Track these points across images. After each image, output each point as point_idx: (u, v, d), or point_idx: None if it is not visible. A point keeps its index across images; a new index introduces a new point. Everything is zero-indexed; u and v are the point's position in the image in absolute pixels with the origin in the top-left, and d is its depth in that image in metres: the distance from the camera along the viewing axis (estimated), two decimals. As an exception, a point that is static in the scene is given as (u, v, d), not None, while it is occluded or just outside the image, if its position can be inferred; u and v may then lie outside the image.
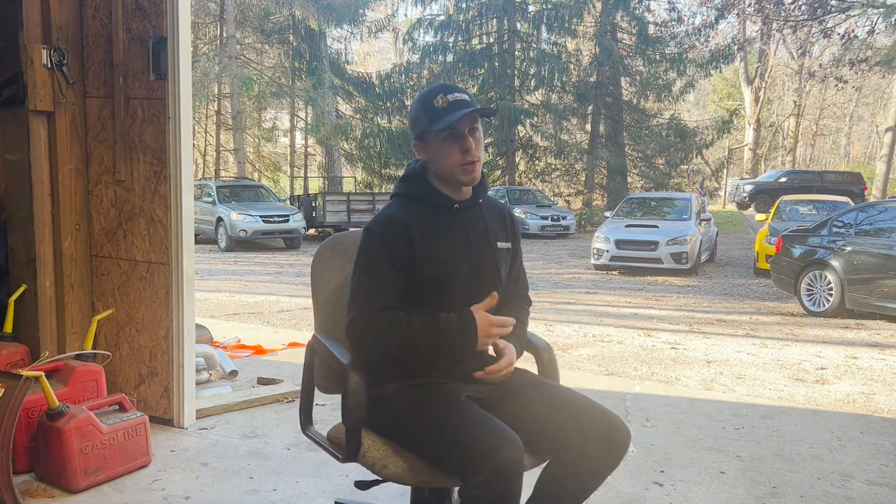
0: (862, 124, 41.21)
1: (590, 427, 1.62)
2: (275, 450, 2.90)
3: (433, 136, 1.73)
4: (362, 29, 25.82)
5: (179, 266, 2.99)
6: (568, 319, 6.87)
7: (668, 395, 3.98)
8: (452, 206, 1.78)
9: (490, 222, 1.84)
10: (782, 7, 19.76)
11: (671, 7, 25.22)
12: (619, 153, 24.00)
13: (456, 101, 1.72)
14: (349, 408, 1.61)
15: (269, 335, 5.46)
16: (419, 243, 1.71)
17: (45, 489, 2.44)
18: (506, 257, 1.86)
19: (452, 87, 1.77)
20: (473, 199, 1.82)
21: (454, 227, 1.77)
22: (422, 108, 1.75)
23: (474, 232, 1.79)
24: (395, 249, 1.69)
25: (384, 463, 1.61)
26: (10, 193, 3.04)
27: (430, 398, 1.64)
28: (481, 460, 1.44)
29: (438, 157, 1.74)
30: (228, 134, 25.66)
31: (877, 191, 22.55)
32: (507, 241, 1.86)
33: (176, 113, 2.93)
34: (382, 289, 1.68)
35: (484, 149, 1.82)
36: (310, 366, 1.86)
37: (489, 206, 1.88)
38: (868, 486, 2.68)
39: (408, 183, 1.83)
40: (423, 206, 1.77)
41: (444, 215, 1.78)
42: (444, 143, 1.72)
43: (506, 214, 1.92)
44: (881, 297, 6.85)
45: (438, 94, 1.73)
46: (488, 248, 1.80)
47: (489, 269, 1.79)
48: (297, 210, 16.16)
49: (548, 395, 1.72)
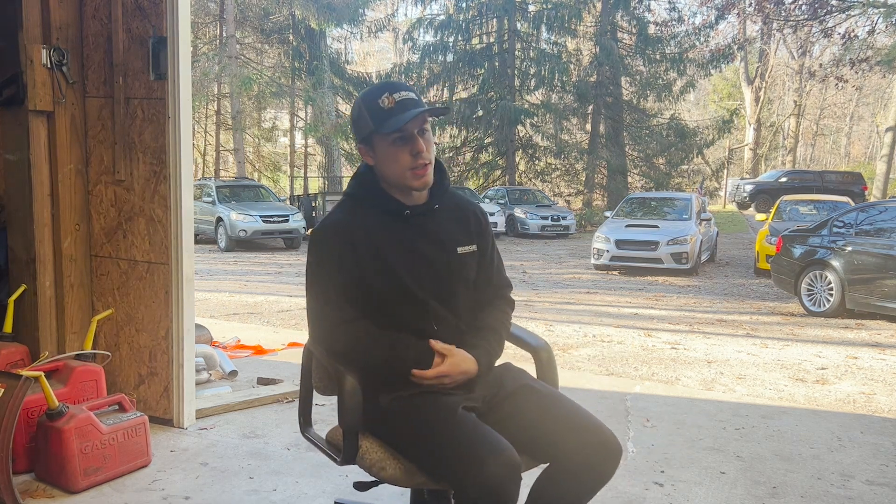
0: (862, 124, 41.20)
1: (581, 439, 1.57)
2: (275, 450, 2.90)
3: (380, 139, 1.63)
4: (362, 29, 25.83)
5: (179, 266, 2.98)
6: (568, 319, 6.87)
7: (669, 395, 3.97)
8: (403, 213, 1.69)
9: (449, 226, 1.73)
10: (782, 7, 19.76)
11: (671, 7, 25.24)
12: (619, 153, 24.00)
13: (403, 101, 1.61)
14: (345, 412, 1.60)
15: (269, 335, 5.46)
16: (366, 253, 1.64)
17: (44, 489, 2.44)
18: (470, 261, 1.75)
19: (398, 84, 1.67)
20: (428, 204, 1.72)
21: (404, 236, 1.68)
22: (366, 109, 1.64)
23: (427, 239, 1.69)
24: (344, 258, 1.63)
25: (382, 465, 1.61)
26: (9, 193, 3.04)
27: (425, 408, 1.61)
28: (474, 472, 1.41)
29: (386, 161, 1.65)
30: (228, 134, 25.65)
31: (877, 191, 22.54)
32: (470, 244, 1.75)
33: (176, 113, 2.93)
34: (336, 302, 1.63)
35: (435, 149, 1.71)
36: (308, 368, 1.85)
37: (451, 207, 1.77)
38: (868, 486, 2.68)
39: (359, 184, 1.74)
40: (373, 211, 1.69)
41: (394, 222, 1.68)
42: (392, 146, 1.62)
43: (470, 215, 1.79)
44: (882, 297, 6.84)
45: (384, 94, 1.62)
46: (444, 254, 1.70)
47: (448, 276, 1.70)
48: (297, 210, 16.15)
49: (542, 403, 1.66)
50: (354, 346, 1.63)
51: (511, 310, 1.87)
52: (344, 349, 1.64)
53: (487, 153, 25.72)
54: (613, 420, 3.41)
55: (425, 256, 1.69)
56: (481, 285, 1.80)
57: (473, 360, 1.67)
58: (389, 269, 1.65)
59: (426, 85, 24.89)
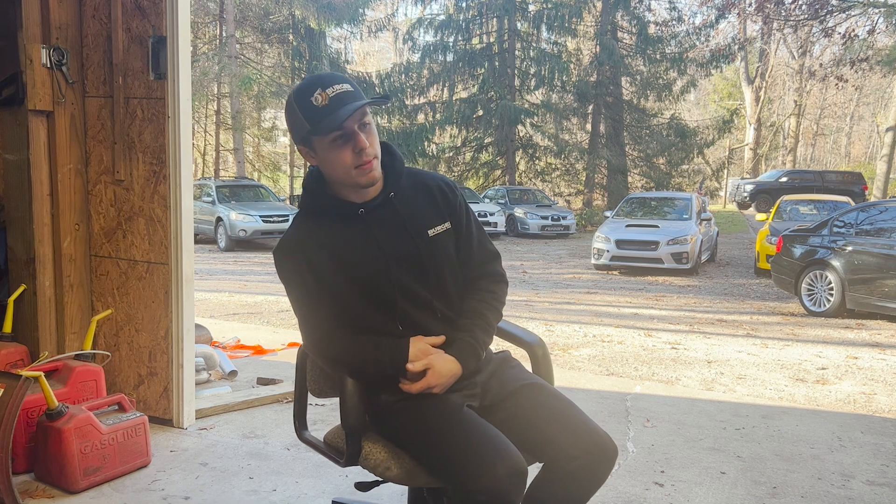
0: (862, 124, 41.20)
1: (579, 442, 1.55)
2: (274, 450, 2.90)
3: (319, 140, 1.52)
4: (362, 28, 25.83)
5: (179, 266, 2.98)
6: (568, 319, 6.87)
7: (669, 396, 3.97)
8: (357, 212, 1.61)
9: (413, 210, 1.64)
10: (783, 6, 19.74)
11: (671, 6, 25.24)
12: (619, 153, 24.00)
13: (338, 96, 1.49)
14: (348, 413, 1.60)
15: (269, 335, 5.46)
16: (325, 267, 1.58)
17: (44, 489, 2.44)
18: (446, 240, 1.66)
19: (331, 77, 1.53)
20: (384, 194, 1.63)
21: (363, 235, 1.61)
22: (299, 108, 1.52)
23: (389, 231, 1.62)
24: (305, 275, 1.60)
25: (387, 465, 1.60)
26: (9, 193, 3.03)
27: (430, 408, 1.59)
28: (481, 475, 1.41)
29: (329, 162, 1.55)
30: (228, 134, 25.65)
31: (877, 191, 22.54)
32: (442, 223, 1.66)
33: (175, 112, 2.93)
34: (316, 314, 1.61)
35: (378, 141, 1.59)
36: (302, 370, 1.83)
37: (414, 187, 1.67)
38: (868, 487, 2.68)
39: (307, 194, 1.66)
40: (327, 219, 1.62)
41: (350, 224, 1.61)
42: (332, 145, 1.52)
43: (435, 191, 1.68)
44: (882, 296, 6.84)
45: (316, 90, 1.50)
46: (413, 241, 1.62)
47: (425, 261, 1.62)
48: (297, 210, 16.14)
49: (542, 404, 1.64)
50: (341, 352, 1.62)
51: (501, 285, 1.76)
52: (333, 356, 1.64)
53: (487, 153, 25.73)
54: (613, 420, 3.41)
55: (392, 251, 1.61)
56: (464, 261, 1.71)
57: (454, 360, 1.61)
58: (353, 275, 1.60)
59: (426, 85, 24.91)
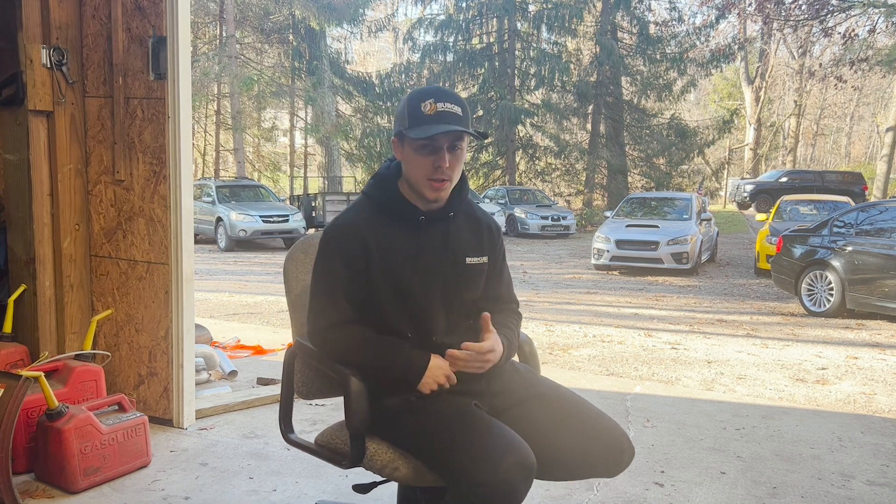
0: (862, 124, 41.19)
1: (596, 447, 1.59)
2: (275, 450, 2.90)
3: (410, 140, 1.62)
4: (362, 28, 25.84)
5: (179, 266, 2.98)
6: (568, 319, 6.87)
7: (669, 396, 3.97)
8: (418, 218, 1.68)
9: (463, 235, 1.73)
10: (783, 6, 19.74)
11: (672, 6, 25.25)
12: (619, 153, 24.00)
13: (443, 113, 1.59)
14: (353, 414, 1.58)
15: (269, 335, 5.46)
16: (375, 257, 1.63)
17: (44, 489, 2.44)
18: (478, 273, 1.74)
19: (447, 94, 1.63)
20: (444, 211, 1.70)
21: (416, 241, 1.67)
22: (408, 107, 1.63)
23: (438, 246, 1.68)
24: (352, 260, 1.63)
25: (395, 466, 1.59)
26: (9, 193, 3.03)
27: (438, 405, 1.60)
28: (487, 467, 1.40)
29: (409, 162, 1.64)
30: (228, 134, 25.66)
31: (877, 191, 22.54)
32: (481, 256, 1.74)
33: (175, 113, 2.93)
34: (337, 302, 1.64)
35: (461, 168, 1.68)
36: (289, 371, 1.81)
37: (467, 217, 1.76)
38: (868, 487, 2.68)
39: (377, 185, 1.73)
40: (387, 214, 1.68)
41: (408, 227, 1.67)
42: (418, 151, 1.61)
43: (483, 228, 1.78)
44: (882, 297, 6.84)
45: (429, 98, 1.60)
46: (454, 263, 1.69)
47: (454, 286, 1.69)
48: (297, 210, 16.15)
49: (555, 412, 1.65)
50: (344, 349, 1.64)
51: (520, 320, 1.85)
52: (333, 351, 1.65)
53: (487, 153, 25.74)
54: (613, 420, 3.41)
55: (433, 264, 1.67)
56: (490, 298, 1.79)
57: (500, 342, 1.66)
58: (395, 274, 1.64)
59: (426, 84, 24.91)
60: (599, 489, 2.58)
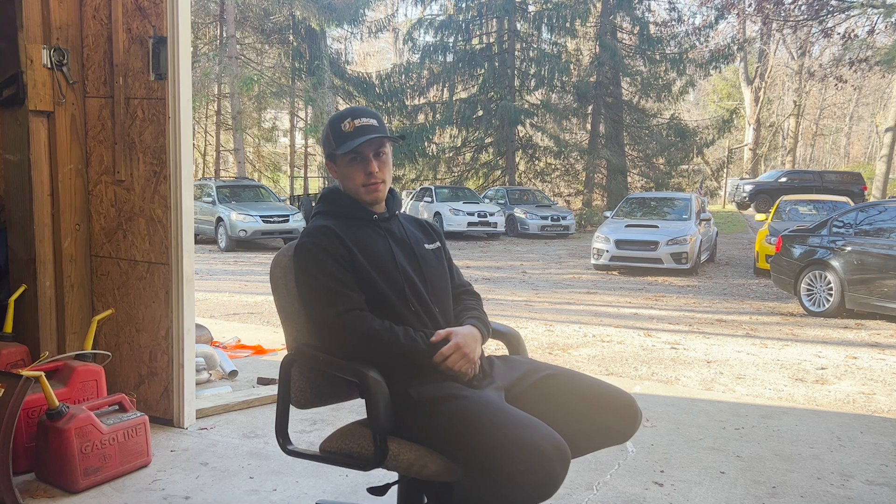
0: (862, 124, 41.20)
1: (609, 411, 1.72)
2: (275, 450, 2.90)
3: (340, 157, 1.83)
4: (362, 29, 25.83)
5: (179, 266, 2.99)
6: (568, 319, 6.87)
7: (669, 395, 3.98)
8: (372, 217, 1.86)
9: (412, 229, 1.95)
10: (782, 7, 19.75)
11: (671, 7, 25.25)
12: (619, 153, 23.99)
13: (362, 127, 1.81)
14: (377, 414, 1.57)
15: (269, 335, 5.46)
16: (356, 251, 1.76)
17: (45, 489, 2.44)
18: (439, 257, 1.95)
19: (361, 111, 1.86)
20: (389, 212, 1.91)
21: (379, 236, 1.85)
22: (331, 131, 1.85)
23: (399, 238, 1.88)
24: (339, 257, 1.74)
25: (423, 463, 1.58)
26: (10, 193, 3.04)
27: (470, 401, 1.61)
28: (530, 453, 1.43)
29: (345, 177, 1.85)
30: (228, 134, 25.65)
31: (877, 191, 22.53)
32: (433, 243, 1.96)
33: (176, 113, 2.93)
34: (346, 290, 1.71)
35: (391, 171, 1.91)
36: (286, 382, 1.80)
37: (406, 218, 2.01)
38: (868, 486, 2.68)
39: (326, 202, 1.90)
40: (345, 220, 1.84)
41: (367, 225, 1.85)
42: (349, 164, 1.82)
43: (424, 223, 2.03)
44: (881, 297, 6.84)
45: (346, 119, 1.82)
46: (413, 249, 1.88)
47: (429, 268, 1.88)
48: (297, 210, 16.14)
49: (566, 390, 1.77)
50: (371, 328, 1.68)
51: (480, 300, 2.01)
52: (362, 332, 1.67)
53: (487, 153, 25.73)
54: (613, 420, 3.41)
55: (405, 250, 1.86)
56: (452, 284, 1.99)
57: (470, 326, 1.80)
58: (378, 262, 1.78)
59: (426, 85, 24.92)
60: (599, 489, 2.58)
